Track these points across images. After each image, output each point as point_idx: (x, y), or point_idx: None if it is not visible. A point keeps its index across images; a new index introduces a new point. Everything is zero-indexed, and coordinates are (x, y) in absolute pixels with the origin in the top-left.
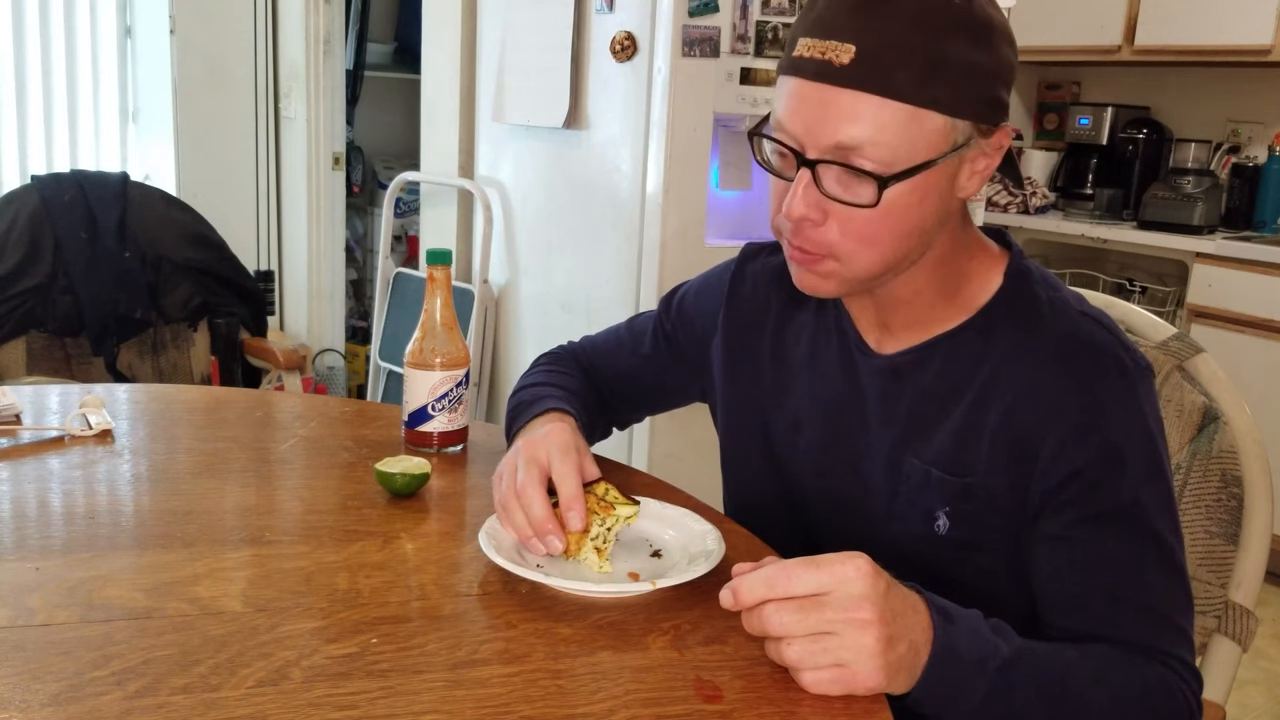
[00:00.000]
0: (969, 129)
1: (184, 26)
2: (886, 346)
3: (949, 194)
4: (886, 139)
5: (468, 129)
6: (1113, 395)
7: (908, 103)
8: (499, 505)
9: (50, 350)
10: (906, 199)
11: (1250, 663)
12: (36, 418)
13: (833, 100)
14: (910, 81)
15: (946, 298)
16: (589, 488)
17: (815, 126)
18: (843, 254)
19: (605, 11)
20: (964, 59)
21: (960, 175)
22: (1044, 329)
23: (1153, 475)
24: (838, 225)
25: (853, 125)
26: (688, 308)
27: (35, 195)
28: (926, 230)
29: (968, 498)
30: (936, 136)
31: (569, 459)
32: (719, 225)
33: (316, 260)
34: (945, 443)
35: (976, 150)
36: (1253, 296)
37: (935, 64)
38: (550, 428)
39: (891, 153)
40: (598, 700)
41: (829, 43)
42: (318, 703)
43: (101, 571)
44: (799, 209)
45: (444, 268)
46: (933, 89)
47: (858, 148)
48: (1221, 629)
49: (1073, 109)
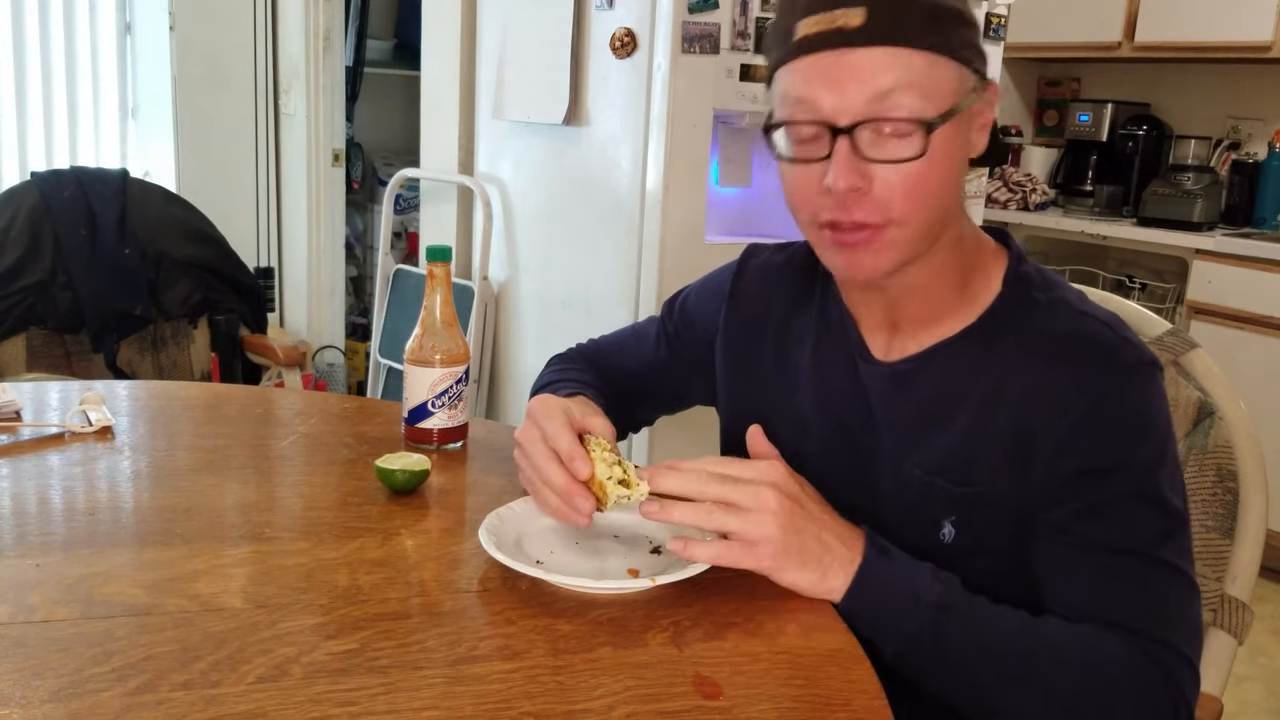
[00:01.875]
0: (973, 79)
1: (183, 23)
2: (892, 352)
3: (967, 147)
4: (918, 83)
5: (467, 125)
6: (1114, 389)
7: (925, 50)
8: (536, 499)
9: (50, 347)
10: (946, 145)
11: (1249, 659)
12: (37, 414)
13: (854, 62)
14: (921, 31)
15: (955, 290)
16: (582, 441)
17: (844, 92)
18: (900, 215)
19: (605, 8)
20: (954, 10)
21: (972, 130)
22: (1045, 332)
23: (1158, 467)
24: (885, 186)
25: (884, 76)
26: (690, 309)
27: (35, 192)
28: (958, 183)
29: (974, 507)
30: (955, 81)
31: (554, 419)
32: (719, 222)
33: (316, 257)
34: (949, 452)
35: (981, 103)
36: (1253, 293)
37: (935, 13)
38: (532, 404)
39: (924, 97)
40: (597, 696)
41: (835, 12)
42: (318, 699)
43: (102, 568)
44: (845, 179)
45: (444, 264)
46: (941, 35)
47: (893, 96)
48: (1217, 622)
49: (1073, 105)
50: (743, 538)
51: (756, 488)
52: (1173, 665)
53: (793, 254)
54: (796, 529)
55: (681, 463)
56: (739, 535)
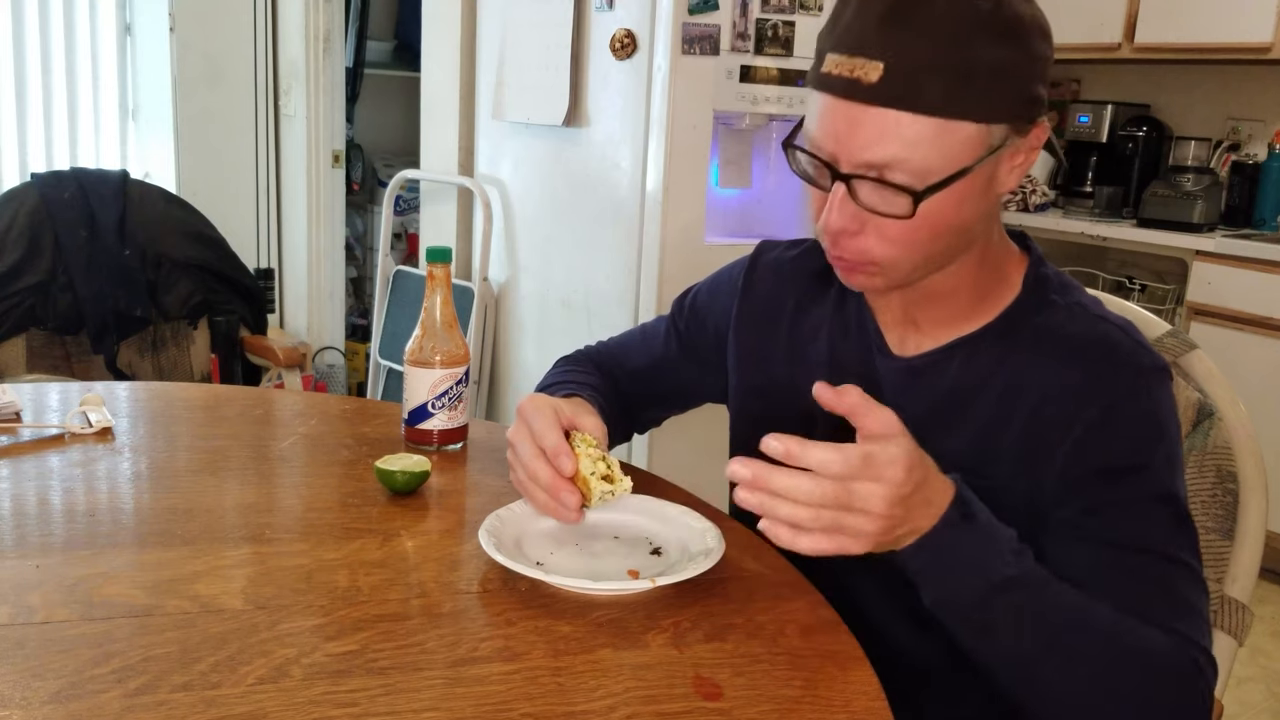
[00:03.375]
0: (1005, 130)
1: (184, 24)
2: (908, 348)
3: (988, 192)
4: (919, 154)
5: (467, 126)
6: (1128, 393)
7: (939, 116)
8: (523, 493)
9: (50, 348)
10: (943, 206)
11: (1249, 660)
12: (36, 415)
13: (863, 118)
14: (940, 95)
15: (980, 295)
16: (569, 438)
17: (847, 144)
18: (884, 260)
19: (605, 9)
20: (994, 63)
21: (999, 172)
22: (1062, 333)
23: (1170, 469)
24: (876, 234)
25: (884, 144)
26: (700, 306)
27: (35, 193)
28: (968, 229)
29: (986, 503)
30: (971, 144)
31: (542, 416)
32: (718, 223)
33: (316, 258)
34: (963, 448)
35: (1013, 148)
36: (1252, 294)
37: (965, 74)
38: (522, 402)
39: (925, 166)
40: (597, 698)
41: (856, 60)
42: (318, 700)
43: (102, 569)
44: (836, 222)
45: (444, 265)
46: (964, 99)
47: (890, 165)
48: (1217, 624)
49: (1072, 107)
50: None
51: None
52: (1200, 658)
53: (806, 250)
54: (898, 521)
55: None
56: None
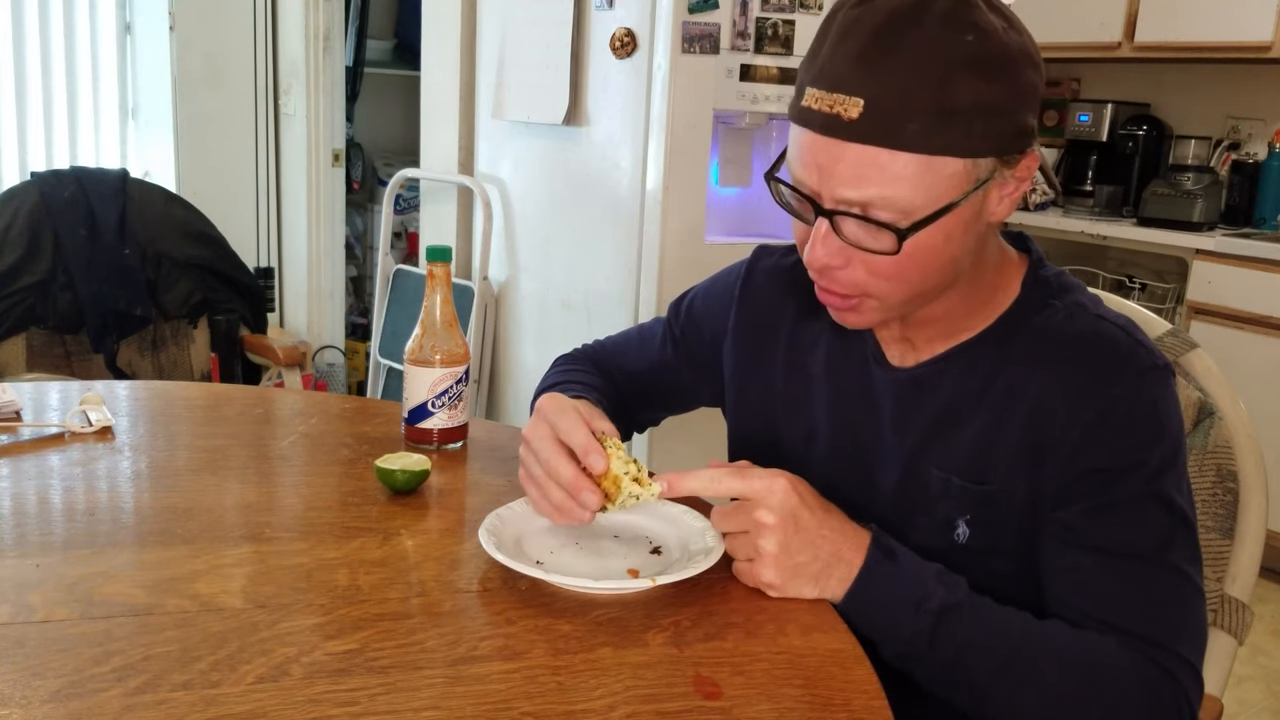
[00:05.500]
0: (992, 164)
1: (183, 23)
2: (908, 359)
3: (978, 223)
4: (902, 191)
5: (467, 126)
6: (1128, 392)
7: (921, 153)
8: (535, 496)
9: (50, 347)
10: (930, 241)
11: (1249, 659)
12: (37, 414)
13: (843, 155)
14: (922, 132)
15: (974, 310)
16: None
17: (828, 180)
18: (875, 292)
19: (605, 8)
20: (978, 99)
21: (989, 203)
22: (1061, 333)
23: (1168, 471)
24: (863, 268)
25: (865, 181)
26: (696, 311)
27: (35, 192)
28: (957, 260)
29: (988, 505)
30: (956, 180)
31: (567, 415)
32: (719, 222)
33: (316, 257)
34: (965, 451)
35: (1002, 180)
36: (1252, 293)
37: (947, 111)
38: (541, 401)
39: (908, 203)
40: (597, 697)
41: (836, 95)
42: (318, 699)
43: (102, 568)
44: (821, 258)
45: (444, 264)
46: (947, 135)
47: (872, 202)
48: (1217, 623)
49: (1072, 106)
50: (749, 542)
51: (769, 479)
52: (1176, 670)
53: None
54: (798, 533)
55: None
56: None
